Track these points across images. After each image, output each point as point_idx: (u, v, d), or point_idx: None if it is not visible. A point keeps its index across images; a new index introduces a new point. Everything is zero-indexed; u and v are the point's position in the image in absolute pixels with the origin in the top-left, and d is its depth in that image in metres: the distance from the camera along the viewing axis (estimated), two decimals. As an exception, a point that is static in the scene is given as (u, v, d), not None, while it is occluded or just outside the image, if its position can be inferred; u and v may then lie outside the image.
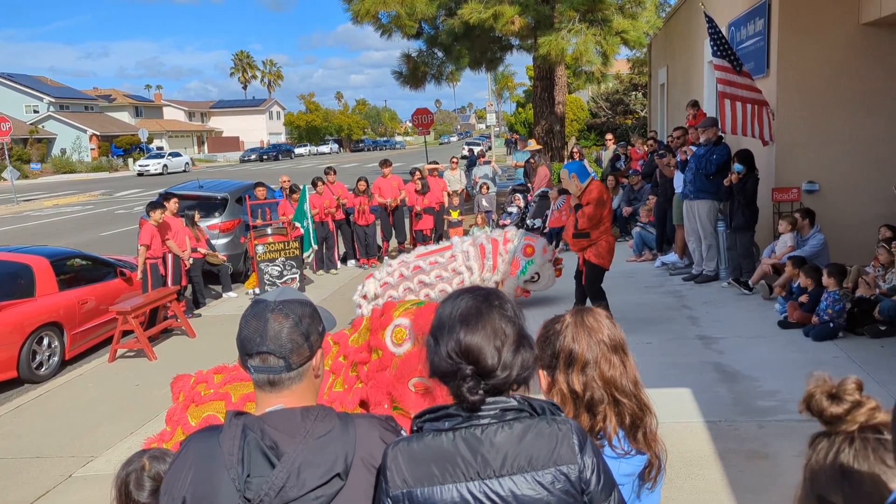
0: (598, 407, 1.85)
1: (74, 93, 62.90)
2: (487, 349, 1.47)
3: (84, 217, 23.84)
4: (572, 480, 1.46)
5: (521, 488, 1.44)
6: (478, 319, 1.50)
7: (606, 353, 1.87)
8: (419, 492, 1.46)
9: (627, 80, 28.22)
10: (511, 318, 1.53)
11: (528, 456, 1.46)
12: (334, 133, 79.56)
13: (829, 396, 1.07)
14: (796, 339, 6.39)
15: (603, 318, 1.95)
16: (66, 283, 8.14)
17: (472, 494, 1.45)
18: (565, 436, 1.48)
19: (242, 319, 1.62)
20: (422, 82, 17.90)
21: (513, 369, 1.49)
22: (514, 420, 1.49)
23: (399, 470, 1.48)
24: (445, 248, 8.04)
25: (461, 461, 1.46)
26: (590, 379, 1.85)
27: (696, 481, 4.15)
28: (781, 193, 8.28)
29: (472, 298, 1.55)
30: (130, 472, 2.18)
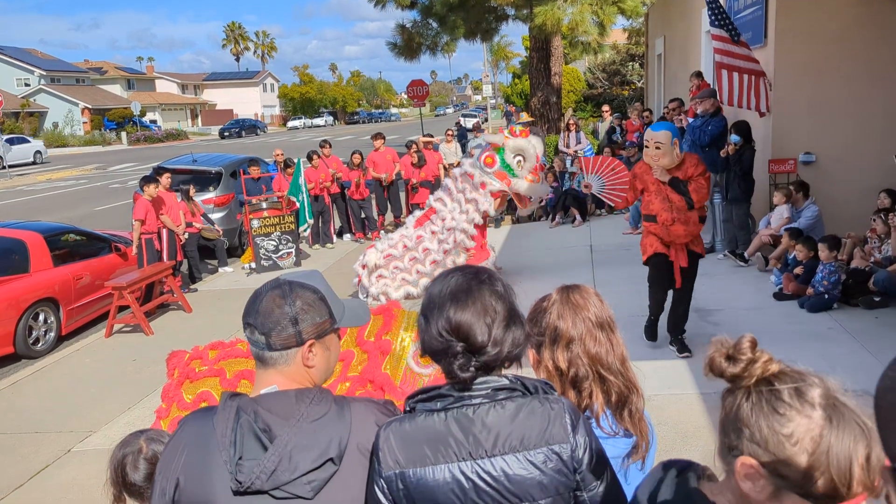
0: (583, 384, 1.85)
1: (65, 65, 62.15)
2: (477, 326, 1.46)
3: (78, 191, 23.71)
4: (564, 459, 1.46)
5: (513, 468, 1.44)
6: (467, 296, 1.50)
7: (592, 329, 1.87)
8: (411, 472, 1.46)
9: (624, 51, 27.95)
10: (501, 295, 1.53)
11: (520, 435, 1.46)
12: (329, 105, 78.88)
13: (726, 358, 1.16)
14: (791, 311, 6.42)
15: (590, 296, 1.94)
16: (61, 259, 8.11)
17: (464, 475, 1.44)
18: (557, 415, 1.48)
19: (255, 290, 1.65)
20: (416, 53, 17.67)
21: (503, 345, 1.48)
22: (506, 399, 1.49)
23: (391, 451, 1.48)
24: (430, 210, 7.79)
25: (453, 441, 1.46)
26: (574, 356, 1.85)
27: (690, 452, 4.19)
28: (778, 165, 8.26)
29: (462, 276, 1.55)
30: (126, 454, 2.18)
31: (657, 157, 5.18)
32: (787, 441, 1.06)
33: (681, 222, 5.23)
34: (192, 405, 4.11)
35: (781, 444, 1.06)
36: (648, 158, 5.26)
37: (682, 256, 5.40)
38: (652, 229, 5.39)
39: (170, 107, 65.84)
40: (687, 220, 5.24)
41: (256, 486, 1.44)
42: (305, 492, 1.46)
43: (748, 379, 1.13)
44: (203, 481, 1.48)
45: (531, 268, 8.47)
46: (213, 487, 1.47)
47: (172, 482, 1.51)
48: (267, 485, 1.44)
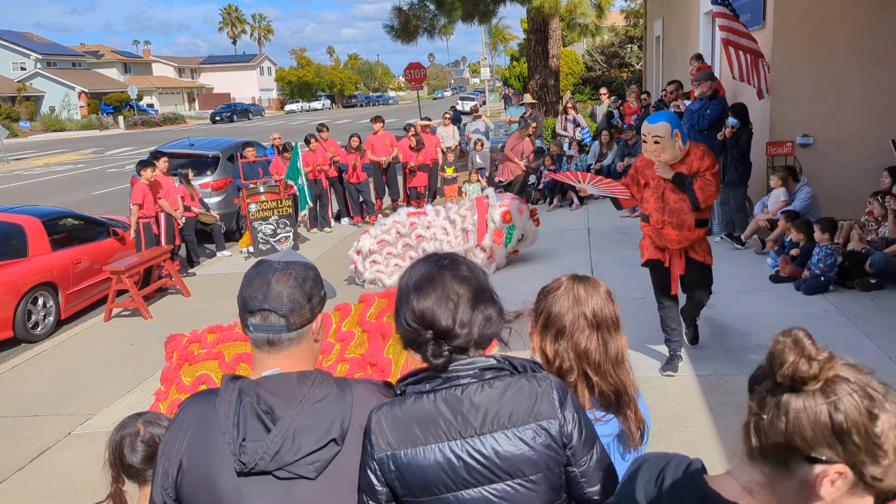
0: (567, 377, 1.84)
1: (62, 49, 61.77)
2: (440, 311, 1.49)
3: (75, 176, 23.65)
4: (553, 435, 1.48)
5: (502, 445, 1.46)
6: (429, 284, 1.53)
7: (585, 326, 1.84)
8: (402, 454, 1.47)
9: (623, 33, 27.79)
10: (465, 278, 1.54)
11: (509, 413, 1.47)
12: (326, 89, 78.50)
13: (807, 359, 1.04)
14: (787, 294, 6.44)
15: (597, 293, 1.89)
16: (59, 243, 8.12)
17: (454, 454, 1.46)
18: (545, 391, 1.50)
19: (245, 278, 1.61)
20: (414, 36, 17.59)
21: (472, 326, 1.50)
22: (493, 378, 1.51)
23: (383, 433, 1.49)
24: (423, 214, 8.15)
25: (443, 422, 1.48)
26: (562, 349, 1.84)
27: (686, 434, 4.22)
28: (775, 147, 8.25)
29: (424, 265, 1.58)
30: (125, 436, 2.21)
31: (657, 153, 4.51)
32: (878, 440, 1.00)
33: (673, 226, 4.62)
34: (191, 388, 4.14)
35: (875, 444, 1.00)
36: (648, 154, 4.61)
37: (677, 263, 4.84)
38: (645, 230, 4.93)
39: (167, 91, 65.52)
40: (681, 223, 4.59)
41: (260, 467, 1.45)
42: (309, 472, 1.47)
43: (820, 380, 1.04)
44: (206, 463, 1.49)
45: (528, 251, 8.48)
46: (217, 469, 1.48)
47: (175, 464, 1.52)
48: (271, 465, 1.45)
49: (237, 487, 1.47)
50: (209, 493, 1.49)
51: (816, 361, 1.03)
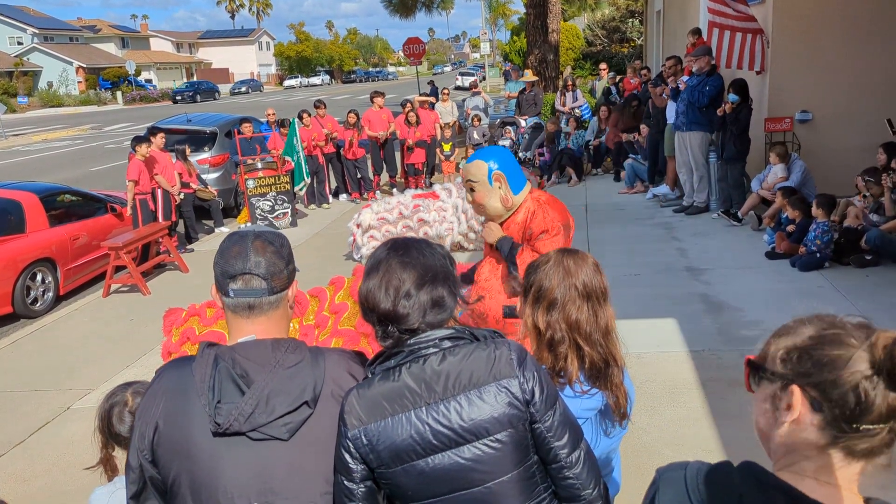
0: (558, 347, 1.89)
1: (59, 23, 61.21)
2: (379, 294, 1.56)
3: (74, 152, 23.57)
4: (514, 392, 1.52)
5: (465, 406, 1.50)
6: (375, 270, 1.60)
7: (576, 298, 1.89)
8: (373, 426, 1.52)
9: (624, 7, 27.52)
10: (411, 262, 1.59)
11: (469, 375, 1.52)
12: (325, 64, 77.91)
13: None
14: (783, 270, 6.46)
15: (585, 264, 1.95)
16: (57, 219, 8.12)
17: (421, 420, 1.50)
18: (502, 353, 1.55)
19: (221, 248, 1.64)
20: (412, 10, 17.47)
21: (413, 310, 1.55)
22: (453, 347, 1.55)
23: (355, 412, 1.53)
24: (433, 195, 8.12)
25: (408, 392, 1.52)
26: (553, 320, 1.89)
27: (678, 408, 4.27)
28: (774, 123, 8.21)
29: (380, 250, 1.66)
30: (113, 405, 2.25)
31: (474, 204, 3.10)
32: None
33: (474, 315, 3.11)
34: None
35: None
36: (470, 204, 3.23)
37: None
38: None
39: (165, 66, 65.06)
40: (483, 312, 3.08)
41: (234, 428, 1.49)
42: (282, 433, 1.52)
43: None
44: (182, 425, 1.54)
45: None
46: (192, 430, 1.52)
47: (151, 426, 1.56)
48: (245, 426, 1.50)
49: (212, 448, 1.52)
50: (184, 454, 1.53)
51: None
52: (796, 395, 1.07)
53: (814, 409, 1.06)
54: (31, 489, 4.22)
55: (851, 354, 1.04)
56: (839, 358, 1.05)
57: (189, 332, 4.65)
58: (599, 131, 12.13)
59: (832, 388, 1.04)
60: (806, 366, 1.07)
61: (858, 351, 1.04)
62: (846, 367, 1.04)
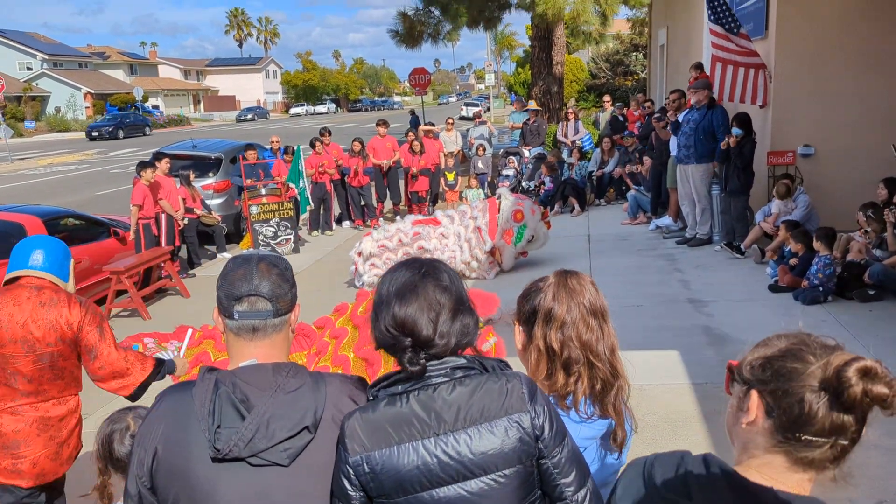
0: (573, 367, 1.88)
1: (68, 50, 62.02)
2: (421, 321, 1.51)
3: (79, 176, 23.72)
4: (525, 428, 1.50)
5: (476, 440, 1.48)
6: (411, 293, 1.54)
7: (585, 315, 1.90)
8: (377, 454, 1.48)
9: (628, 41, 27.82)
10: (446, 288, 1.56)
11: (480, 408, 1.49)
12: (332, 93, 78.72)
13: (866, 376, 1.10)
14: (786, 303, 6.43)
15: (586, 283, 1.97)
16: (60, 243, 8.12)
17: (428, 451, 1.47)
18: (514, 387, 1.53)
19: (226, 269, 1.64)
20: (418, 41, 17.65)
21: (451, 337, 1.53)
22: (464, 377, 1.53)
23: (357, 437, 1.50)
24: (434, 222, 8.13)
25: (416, 421, 1.49)
26: (567, 338, 1.88)
27: (680, 441, 4.21)
28: (777, 157, 8.25)
29: (407, 271, 1.59)
30: (114, 430, 2.23)
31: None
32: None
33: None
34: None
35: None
36: None
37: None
38: None
39: (172, 92, 65.74)
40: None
41: (234, 454, 1.47)
42: (282, 459, 1.50)
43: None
44: (181, 450, 1.52)
45: (528, 256, 8.48)
46: (192, 456, 1.50)
47: (150, 452, 1.54)
48: (244, 452, 1.48)
49: (211, 474, 1.50)
50: (183, 480, 1.51)
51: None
52: (753, 399, 1.18)
53: (767, 414, 1.17)
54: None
55: (807, 369, 1.14)
56: (795, 371, 1.15)
57: (203, 356, 4.59)
58: (602, 162, 12.19)
59: (784, 396, 1.15)
60: (767, 374, 1.18)
61: (813, 367, 1.14)
62: (798, 379, 1.14)
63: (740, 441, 1.24)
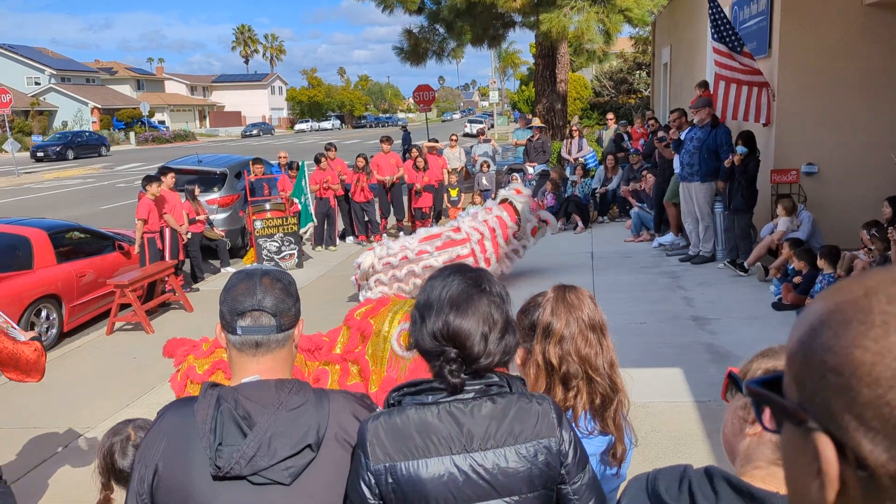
0: (572, 381, 1.88)
1: (76, 65, 62.52)
2: (475, 336, 1.48)
3: (85, 190, 23.83)
4: (553, 453, 1.50)
5: (505, 461, 1.47)
6: (468, 304, 1.51)
7: (584, 330, 1.90)
8: (402, 466, 1.46)
9: (631, 59, 27.99)
10: (499, 305, 1.54)
11: (512, 430, 1.48)
12: (336, 109, 79.17)
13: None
14: (790, 321, 6.38)
15: (585, 298, 1.97)
16: (65, 256, 8.16)
17: (457, 467, 1.45)
18: (545, 411, 1.52)
19: (229, 283, 1.62)
20: (423, 58, 17.76)
21: (496, 356, 1.51)
22: (496, 395, 1.51)
23: (381, 443, 1.47)
24: (452, 229, 8.05)
25: (446, 434, 1.47)
26: (566, 353, 1.88)
27: (682, 459, 4.18)
28: (780, 175, 8.26)
29: (462, 280, 1.55)
30: (115, 442, 2.23)
31: None
32: None
33: None
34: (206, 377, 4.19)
35: None
36: None
37: None
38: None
39: (178, 108, 66.17)
40: None
41: (235, 472, 1.46)
42: (283, 477, 1.48)
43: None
44: (182, 467, 1.50)
45: (531, 273, 8.48)
46: (192, 473, 1.49)
47: (151, 469, 1.53)
48: (246, 470, 1.46)
49: (212, 492, 1.48)
50: (184, 497, 1.49)
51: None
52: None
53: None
54: (24, 529, 4.14)
55: None
56: None
57: (190, 371, 4.60)
58: (606, 180, 12.21)
59: None
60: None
61: None
62: None
63: (743, 452, 1.22)
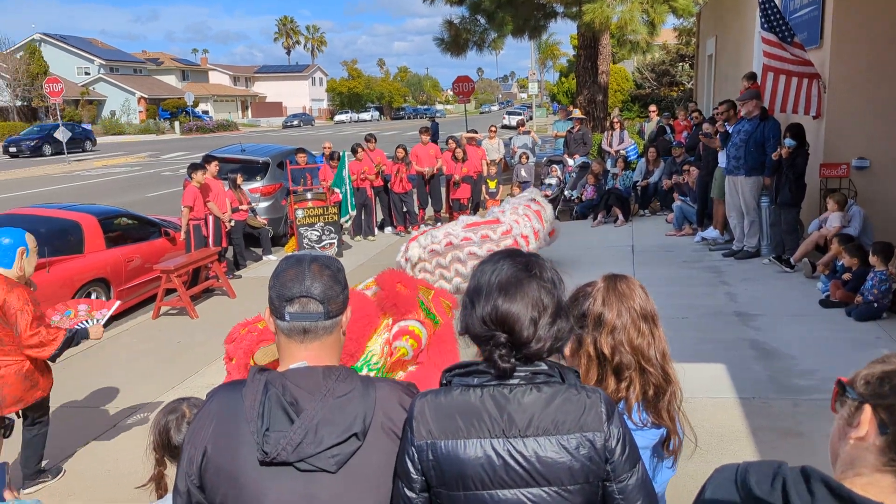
0: (624, 372, 1.85)
1: (124, 56, 63.91)
2: (524, 320, 1.47)
3: (132, 178, 24.38)
4: (597, 448, 1.46)
5: (545, 450, 1.45)
6: (517, 289, 1.49)
7: (636, 320, 1.88)
8: (443, 444, 1.47)
9: (674, 51, 27.48)
10: (550, 290, 1.52)
11: (555, 419, 1.46)
12: (375, 100, 79.51)
13: None
14: (838, 319, 6.26)
15: (636, 287, 1.95)
16: (114, 241, 8.36)
17: (495, 451, 1.45)
18: (594, 404, 1.49)
19: (277, 272, 1.62)
20: (463, 49, 17.72)
21: (547, 341, 1.49)
22: (543, 384, 1.49)
23: (425, 421, 1.49)
24: (493, 221, 8.01)
25: (487, 417, 1.46)
26: (618, 343, 1.86)
27: (725, 456, 4.13)
28: (830, 169, 8.05)
29: (512, 265, 1.53)
30: (171, 419, 2.29)
31: None
32: None
33: None
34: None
35: None
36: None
37: None
38: None
39: (222, 98, 67.19)
40: None
41: (282, 458, 1.46)
42: (329, 465, 1.48)
43: None
44: (230, 451, 1.51)
45: (571, 266, 8.42)
46: (240, 457, 1.50)
47: (200, 451, 1.54)
48: (292, 457, 1.47)
49: (258, 477, 1.49)
50: (231, 480, 1.51)
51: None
52: (866, 413, 1.14)
53: (881, 431, 1.12)
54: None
55: None
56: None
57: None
58: (647, 172, 12.05)
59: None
60: (884, 389, 1.13)
61: None
62: None
63: (846, 458, 1.18)
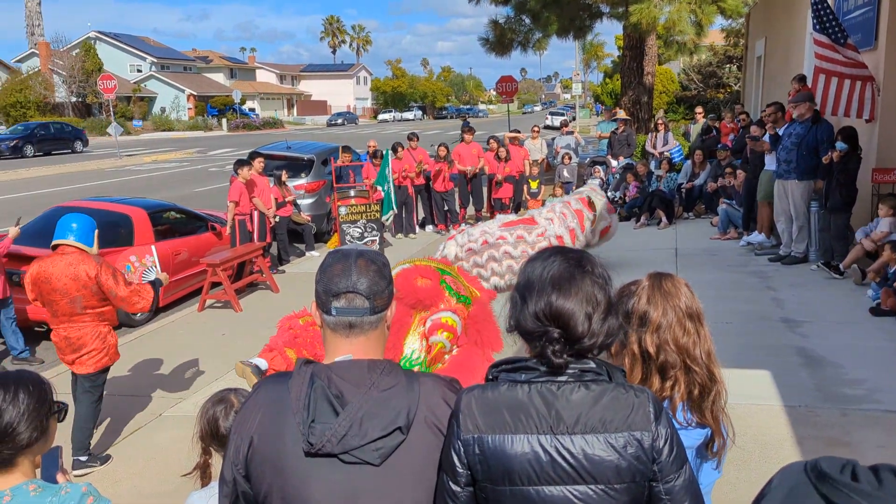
0: (669, 371, 1.84)
1: (175, 53, 65.33)
2: (579, 315, 1.47)
3: (180, 173, 24.93)
4: (644, 447, 1.46)
5: (592, 448, 1.44)
6: (570, 284, 1.50)
7: (682, 318, 1.86)
8: (490, 439, 1.47)
9: (721, 52, 26.98)
10: (602, 285, 1.53)
11: (602, 417, 1.46)
12: (419, 100, 79.80)
13: None
14: (888, 327, 6.09)
15: (681, 286, 1.93)
16: (162, 235, 8.57)
17: (542, 447, 1.45)
18: (641, 403, 1.48)
19: (324, 266, 1.63)
20: (508, 49, 17.66)
21: (599, 337, 1.49)
22: (591, 381, 1.49)
23: (472, 415, 1.49)
24: (528, 220, 7.96)
25: (535, 413, 1.47)
26: (663, 342, 1.84)
27: (770, 464, 4.06)
28: (882, 174, 7.82)
29: (564, 261, 1.54)
30: (219, 409, 2.35)
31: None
32: None
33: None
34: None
35: None
36: None
37: None
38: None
39: (268, 96, 68.22)
40: None
41: (327, 450, 1.48)
42: (373, 458, 1.49)
43: None
44: (276, 441, 1.54)
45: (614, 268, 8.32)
46: (285, 448, 1.52)
47: (246, 441, 1.57)
48: (337, 448, 1.48)
49: (303, 467, 1.51)
50: (276, 471, 1.53)
51: None
52: None
53: None
54: (121, 490, 4.41)
55: None
56: None
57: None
58: (693, 175, 11.87)
59: None
60: None
61: None
62: None
63: None
